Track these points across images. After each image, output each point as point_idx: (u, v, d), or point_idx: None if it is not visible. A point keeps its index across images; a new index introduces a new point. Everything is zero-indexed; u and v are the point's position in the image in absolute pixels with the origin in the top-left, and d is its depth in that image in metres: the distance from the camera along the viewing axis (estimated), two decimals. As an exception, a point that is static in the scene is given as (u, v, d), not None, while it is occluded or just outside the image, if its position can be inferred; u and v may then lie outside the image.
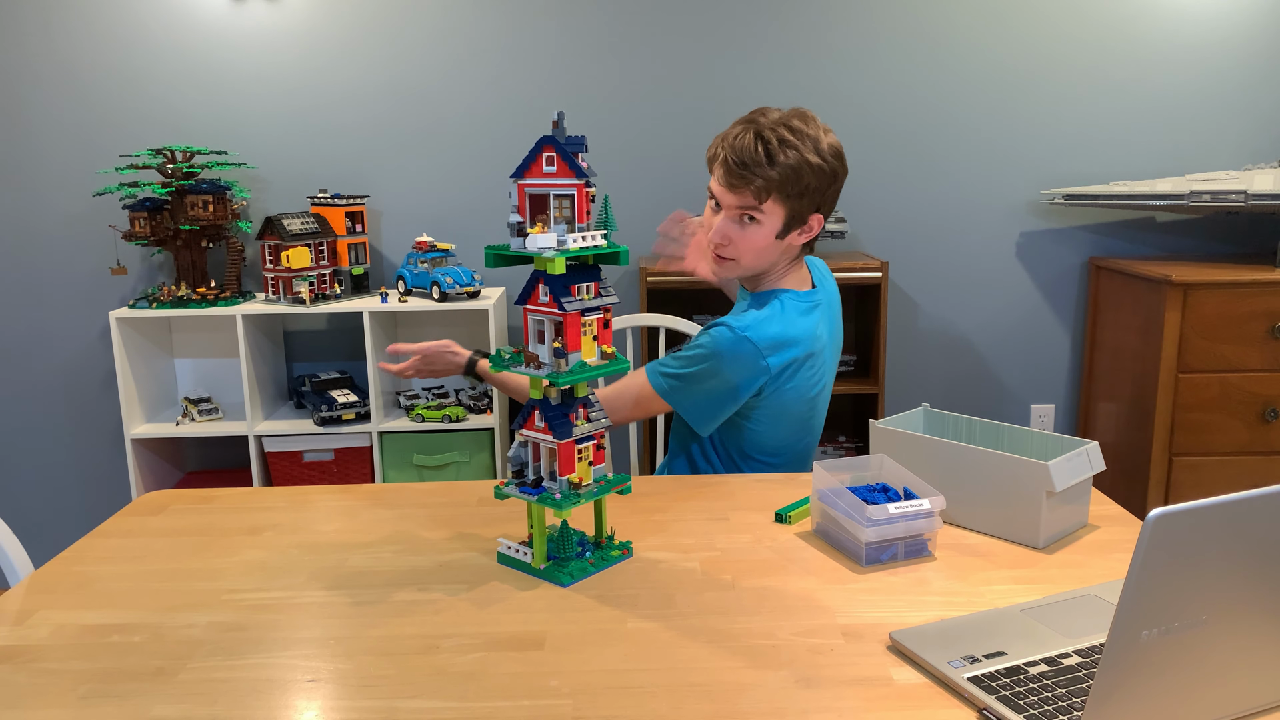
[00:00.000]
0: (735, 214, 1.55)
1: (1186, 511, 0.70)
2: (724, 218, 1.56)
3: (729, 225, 1.56)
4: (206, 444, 2.98)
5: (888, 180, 2.90)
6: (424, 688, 0.93)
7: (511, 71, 2.82)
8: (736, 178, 1.51)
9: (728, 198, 1.54)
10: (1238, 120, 2.86)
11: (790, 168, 1.50)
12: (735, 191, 1.53)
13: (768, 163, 1.50)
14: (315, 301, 2.61)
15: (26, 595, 1.16)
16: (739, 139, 1.52)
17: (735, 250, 1.58)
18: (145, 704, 0.91)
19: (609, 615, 1.08)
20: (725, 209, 1.56)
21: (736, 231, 1.56)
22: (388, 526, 1.35)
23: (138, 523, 1.39)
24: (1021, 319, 2.99)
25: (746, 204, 1.53)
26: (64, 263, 2.87)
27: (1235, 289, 2.45)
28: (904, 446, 1.36)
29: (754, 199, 1.52)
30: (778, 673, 0.95)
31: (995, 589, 1.13)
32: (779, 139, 1.50)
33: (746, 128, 1.53)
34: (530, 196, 1.15)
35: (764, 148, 1.50)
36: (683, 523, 1.34)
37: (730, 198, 1.54)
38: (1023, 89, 2.85)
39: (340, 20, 2.78)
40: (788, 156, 1.50)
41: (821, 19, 2.81)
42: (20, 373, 2.93)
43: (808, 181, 1.52)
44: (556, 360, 1.13)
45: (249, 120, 2.82)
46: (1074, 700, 0.86)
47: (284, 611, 1.10)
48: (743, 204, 1.53)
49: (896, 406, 3.02)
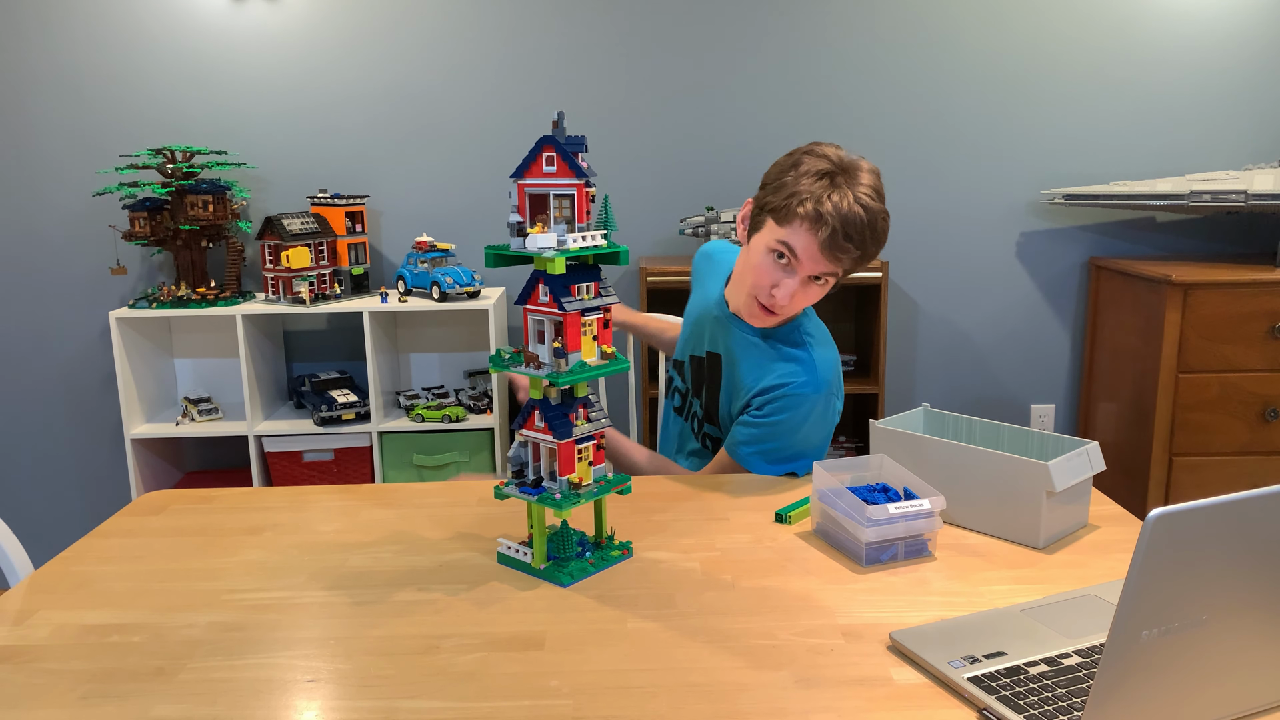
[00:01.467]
0: (812, 274, 1.48)
1: (1186, 511, 0.70)
2: (800, 279, 1.47)
3: (797, 284, 1.48)
4: (206, 444, 2.98)
5: (888, 180, 2.90)
6: (424, 688, 0.93)
7: (511, 71, 2.82)
8: (841, 250, 1.43)
9: (812, 264, 1.45)
10: (1238, 120, 2.86)
11: (878, 244, 1.46)
12: (828, 260, 1.45)
13: (871, 240, 1.44)
14: (315, 301, 2.61)
15: (26, 595, 1.16)
16: (848, 208, 1.41)
17: (789, 309, 1.51)
18: (145, 704, 0.91)
19: (609, 615, 1.08)
20: (803, 270, 1.47)
21: (802, 292, 1.49)
22: (388, 526, 1.35)
23: (138, 523, 1.39)
24: (1021, 319, 2.99)
25: (829, 270, 1.47)
26: (64, 263, 2.87)
27: (1235, 289, 2.45)
28: (904, 446, 1.36)
29: (836, 268, 1.47)
30: (778, 673, 0.95)
31: (995, 589, 1.13)
32: (878, 212, 1.44)
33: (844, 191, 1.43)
34: (530, 196, 1.15)
35: (870, 220, 1.43)
36: (683, 523, 1.34)
37: (819, 265, 1.46)
38: (1023, 89, 2.85)
39: (340, 20, 2.78)
40: (882, 225, 1.45)
41: (822, 19, 2.81)
42: (20, 373, 2.93)
43: (872, 256, 1.49)
44: (556, 360, 1.13)
45: (249, 120, 2.82)
46: (1074, 700, 0.86)
47: (284, 611, 1.10)
48: (827, 271, 1.47)
49: (896, 406, 3.02)
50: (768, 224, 1.49)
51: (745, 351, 1.63)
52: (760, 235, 1.50)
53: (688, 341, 1.75)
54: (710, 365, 1.69)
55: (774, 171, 1.50)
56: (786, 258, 1.47)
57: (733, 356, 1.64)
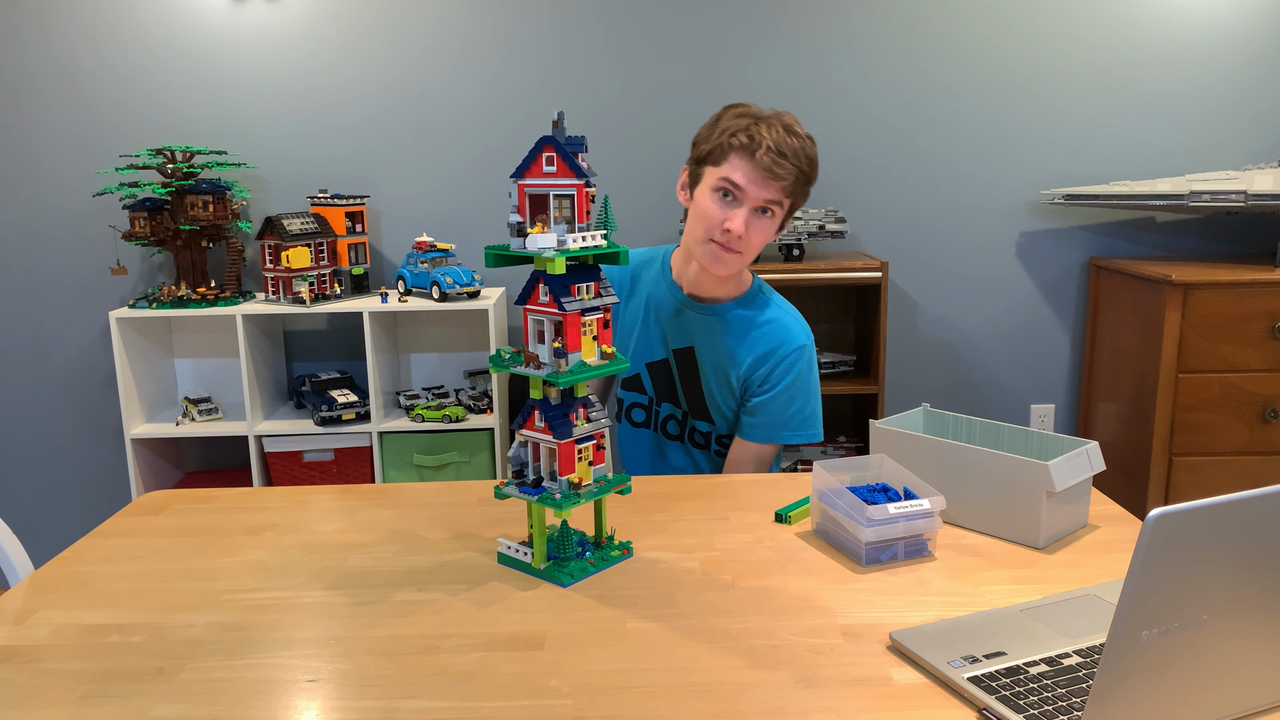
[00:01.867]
0: (759, 204, 1.53)
1: (1186, 511, 0.70)
2: (747, 209, 1.53)
3: (749, 218, 1.54)
4: (206, 444, 2.98)
5: (888, 180, 2.90)
6: (424, 688, 0.93)
7: (511, 71, 2.82)
8: (779, 167, 1.50)
9: (757, 191, 1.52)
10: (1238, 120, 2.86)
11: (812, 162, 1.54)
12: (768, 184, 1.51)
13: (805, 162, 1.52)
14: (315, 301, 2.61)
15: (26, 595, 1.16)
16: (774, 131, 1.51)
17: (748, 244, 1.56)
18: (145, 704, 0.91)
19: (609, 615, 1.08)
20: (749, 200, 1.53)
21: (755, 224, 1.55)
22: (388, 526, 1.35)
23: (138, 523, 1.39)
24: (1021, 319, 2.99)
25: (773, 198, 1.53)
26: (64, 263, 2.87)
27: (1235, 289, 2.45)
28: (904, 446, 1.36)
29: (782, 193, 1.53)
30: (778, 673, 0.95)
31: (995, 589, 1.13)
32: (806, 136, 1.54)
33: (769, 121, 1.53)
34: (530, 196, 1.15)
35: (801, 144, 1.52)
36: (683, 523, 1.34)
37: (760, 191, 1.52)
38: (1023, 89, 2.85)
39: (340, 21, 2.78)
40: (812, 151, 1.54)
41: (821, 18, 2.80)
42: (20, 373, 2.93)
43: (814, 177, 1.57)
44: (556, 360, 1.13)
45: (249, 120, 2.82)
46: (1074, 700, 0.86)
47: (284, 611, 1.10)
48: (770, 197, 1.53)
49: (896, 406, 3.02)
50: (706, 171, 1.57)
51: (717, 332, 1.67)
52: (701, 186, 1.58)
53: (639, 352, 1.73)
54: (680, 361, 1.69)
55: (701, 132, 1.60)
56: (730, 193, 1.54)
57: (709, 341, 1.67)
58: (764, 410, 1.65)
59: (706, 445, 1.74)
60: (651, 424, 1.76)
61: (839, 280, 2.61)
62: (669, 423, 1.75)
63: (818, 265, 2.62)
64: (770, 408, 1.64)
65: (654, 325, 1.71)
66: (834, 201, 2.89)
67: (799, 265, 2.62)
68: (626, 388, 1.77)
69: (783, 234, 1.64)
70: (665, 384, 1.72)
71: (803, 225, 2.68)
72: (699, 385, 1.69)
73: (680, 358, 1.69)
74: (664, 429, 1.76)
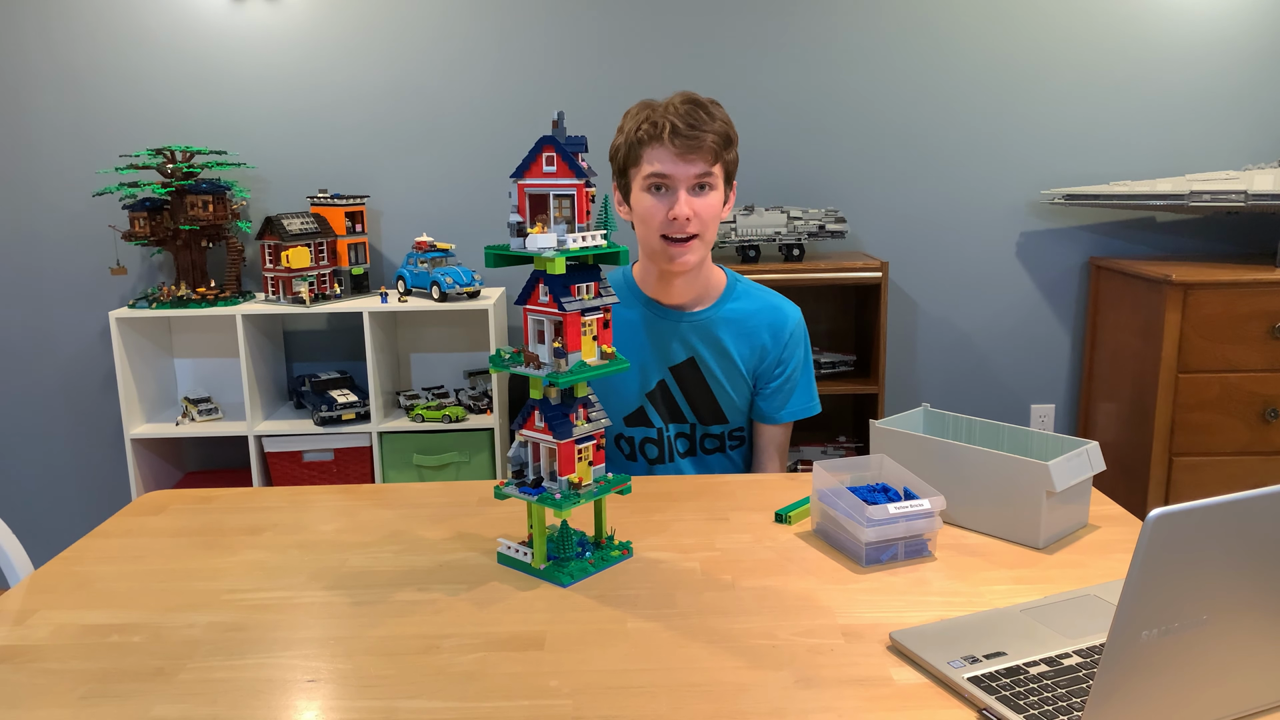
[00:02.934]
0: (693, 183, 1.53)
1: (1186, 511, 0.70)
2: (683, 191, 1.53)
3: (689, 199, 1.53)
4: (206, 444, 2.98)
5: (888, 180, 2.90)
6: (424, 688, 0.93)
7: (511, 71, 2.82)
8: (691, 139, 1.50)
9: (681, 169, 1.51)
10: (1238, 120, 2.86)
11: (724, 123, 1.55)
12: (689, 158, 1.51)
13: (711, 117, 1.52)
14: (315, 301, 2.61)
15: (26, 595, 1.16)
16: (671, 110, 1.52)
17: (700, 223, 1.55)
18: (145, 704, 0.91)
19: (609, 615, 1.08)
20: (680, 182, 1.52)
21: (698, 202, 1.54)
22: (388, 526, 1.35)
23: (138, 523, 1.39)
24: (1021, 319, 2.99)
25: (701, 170, 1.52)
26: (64, 263, 2.87)
27: (1235, 289, 2.45)
28: (904, 446, 1.36)
29: (706, 163, 1.52)
30: (778, 673, 0.95)
31: (995, 589, 1.12)
32: (704, 100, 1.55)
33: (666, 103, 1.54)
34: (530, 196, 1.15)
35: (700, 109, 1.53)
36: (683, 523, 1.34)
37: (686, 168, 1.51)
38: (1023, 89, 2.85)
39: (340, 20, 2.78)
40: (719, 112, 1.55)
41: (821, 19, 2.80)
42: (20, 373, 2.93)
43: (732, 137, 1.57)
44: (556, 360, 1.13)
45: (249, 120, 2.82)
46: (1074, 700, 0.86)
47: (284, 611, 1.10)
48: (698, 171, 1.52)
49: (896, 406, 3.01)
50: (630, 176, 1.58)
51: (717, 334, 1.66)
52: (633, 192, 1.59)
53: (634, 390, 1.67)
54: (681, 376, 1.67)
55: (612, 145, 1.62)
56: (660, 184, 1.54)
57: (711, 345, 1.66)
58: (783, 391, 1.70)
59: (720, 448, 1.73)
60: (666, 454, 1.71)
61: (839, 280, 2.61)
62: (679, 441, 1.71)
63: (818, 265, 2.62)
64: (787, 386, 1.70)
65: (641, 351, 1.66)
66: (834, 201, 2.89)
67: (799, 265, 2.62)
68: (632, 423, 1.70)
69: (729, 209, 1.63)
70: (669, 406, 1.69)
71: (803, 225, 2.68)
72: (708, 392, 1.68)
73: (680, 373, 1.67)
74: (674, 444, 1.71)
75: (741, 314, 1.68)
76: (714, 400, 1.68)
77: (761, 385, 1.70)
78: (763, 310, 1.69)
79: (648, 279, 1.66)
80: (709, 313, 1.66)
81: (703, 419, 1.70)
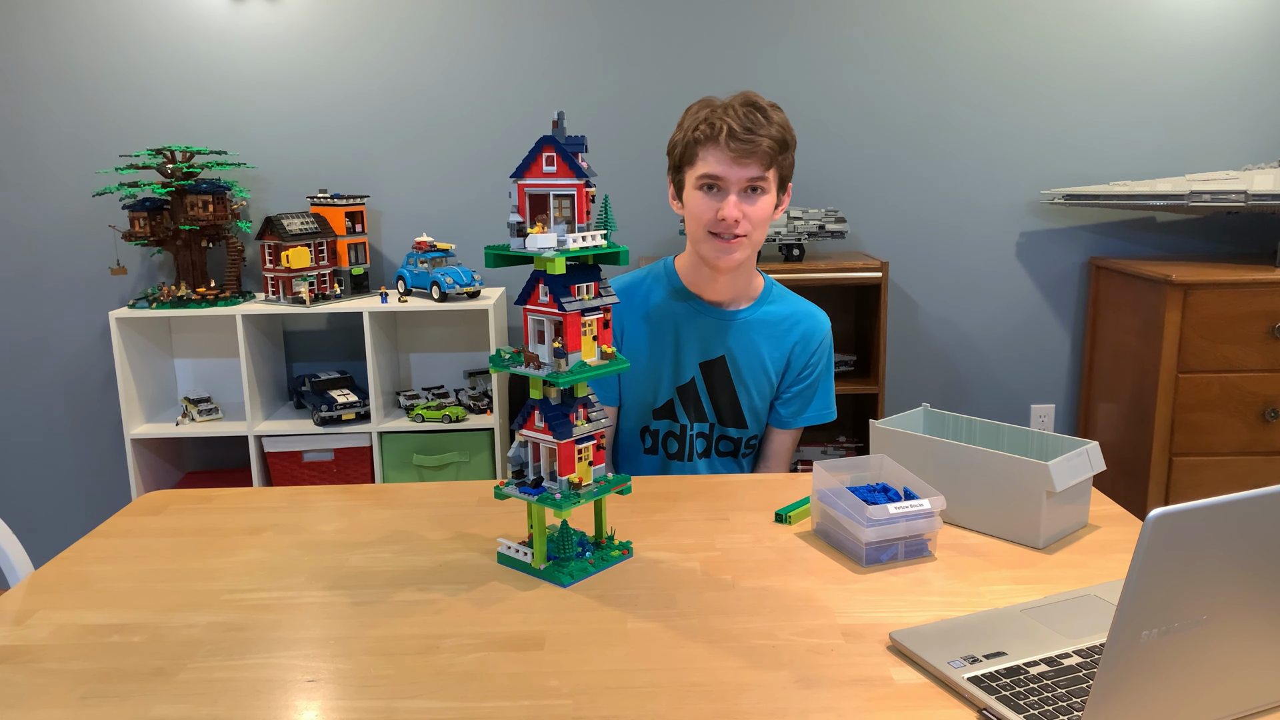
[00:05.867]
0: (744, 186, 1.53)
1: (1186, 511, 0.70)
2: (734, 194, 1.53)
3: (739, 202, 1.53)
4: (206, 444, 2.98)
5: (888, 180, 2.90)
6: (424, 688, 0.93)
7: (511, 71, 2.82)
8: (746, 142, 1.50)
9: (735, 171, 1.52)
10: (1238, 120, 2.86)
11: (782, 127, 1.54)
12: (743, 162, 1.51)
13: (770, 123, 1.52)
14: (315, 301, 2.61)
15: (26, 595, 1.16)
16: (732, 112, 1.52)
17: (749, 225, 1.55)
18: (145, 704, 0.91)
19: (609, 615, 1.08)
20: (732, 185, 1.53)
21: (748, 205, 1.55)
22: (388, 526, 1.35)
23: (138, 523, 1.39)
24: (1021, 319, 2.99)
25: (754, 174, 1.53)
26: (64, 263, 2.87)
27: (1235, 289, 2.45)
28: (904, 446, 1.36)
29: (760, 167, 1.52)
30: (778, 673, 0.95)
31: (995, 589, 1.13)
32: (765, 102, 1.55)
33: (727, 104, 1.54)
34: (530, 196, 1.15)
35: (760, 108, 1.53)
36: (683, 523, 1.34)
37: (739, 172, 1.52)
38: (1023, 89, 2.85)
39: (340, 20, 2.78)
40: (778, 116, 1.55)
41: (822, 19, 2.80)
42: (20, 373, 2.93)
43: (790, 141, 1.57)
44: (556, 360, 1.13)
45: (249, 120, 2.82)
46: (1074, 700, 0.86)
47: (284, 611, 1.10)
48: (751, 175, 1.52)
49: (896, 406, 3.01)
50: (685, 174, 1.58)
51: (750, 335, 1.67)
52: (686, 189, 1.59)
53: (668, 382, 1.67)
54: (708, 373, 1.68)
55: (671, 140, 1.62)
56: (713, 185, 1.55)
57: (745, 347, 1.67)
58: (803, 396, 1.72)
59: (734, 452, 1.73)
60: (686, 453, 1.71)
61: (839, 280, 2.61)
62: (697, 440, 1.71)
63: (818, 265, 2.62)
64: (809, 392, 1.72)
65: (679, 344, 1.66)
66: (834, 201, 2.89)
67: (799, 265, 2.62)
68: (660, 416, 1.70)
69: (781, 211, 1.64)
70: (695, 403, 1.69)
71: (803, 225, 2.68)
72: (732, 393, 1.68)
73: (708, 370, 1.68)
74: (694, 443, 1.71)
75: (777, 317, 1.70)
76: (736, 401, 1.69)
77: (784, 389, 1.71)
78: (797, 315, 1.71)
79: (690, 273, 1.68)
80: (747, 313, 1.69)
81: (722, 419, 1.70)
